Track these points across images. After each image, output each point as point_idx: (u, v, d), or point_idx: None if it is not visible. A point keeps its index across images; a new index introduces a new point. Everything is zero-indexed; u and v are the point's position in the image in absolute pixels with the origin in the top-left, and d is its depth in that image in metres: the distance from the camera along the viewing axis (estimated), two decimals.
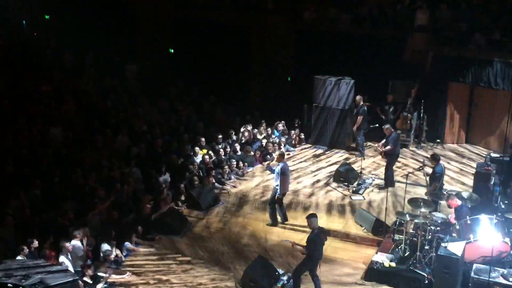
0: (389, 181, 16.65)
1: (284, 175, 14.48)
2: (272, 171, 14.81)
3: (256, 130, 19.95)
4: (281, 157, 14.80)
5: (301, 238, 12.60)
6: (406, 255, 12.74)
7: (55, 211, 13.38)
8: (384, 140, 16.82)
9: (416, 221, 12.73)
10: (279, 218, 14.93)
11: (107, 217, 13.73)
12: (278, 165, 14.58)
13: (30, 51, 22.95)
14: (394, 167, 17.19)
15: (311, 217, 11.71)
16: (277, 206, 14.87)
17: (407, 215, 12.89)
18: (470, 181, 16.76)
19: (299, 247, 11.74)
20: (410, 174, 14.76)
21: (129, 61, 23.27)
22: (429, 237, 12.57)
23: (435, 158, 14.80)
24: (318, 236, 11.51)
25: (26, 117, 17.44)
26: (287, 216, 15.00)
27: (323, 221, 14.69)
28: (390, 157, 16.82)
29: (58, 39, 23.81)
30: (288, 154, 19.25)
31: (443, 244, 11.22)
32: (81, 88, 20.46)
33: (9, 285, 8.98)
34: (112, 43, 23.15)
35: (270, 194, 15.27)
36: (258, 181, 17.54)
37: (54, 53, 23.23)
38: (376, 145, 16.80)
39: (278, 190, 14.53)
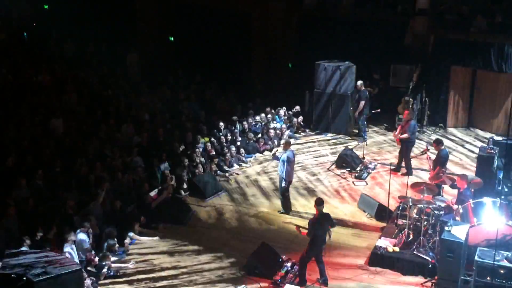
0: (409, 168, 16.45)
1: (289, 163, 14.35)
2: (278, 159, 14.65)
3: (258, 117, 19.90)
4: (287, 145, 14.66)
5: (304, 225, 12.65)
6: (409, 239, 12.74)
7: (58, 201, 13.38)
8: (400, 125, 16.52)
9: (419, 205, 12.72)
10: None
11: (109, 207, 13.72)
12: (284, 153, 14.48)
13: (31, 42, 22.92)
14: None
15: (318, 203, 11.80)
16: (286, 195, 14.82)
17: (410, 200, 12.87)
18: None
19: (303, 230, 11.82)
20: (413, 159, 14.73)
21: (130, 50, 23.19)
22: (433, 221, 12.55)
23: (439, 143, 14.76)
24: (318, 221, 11.54)
25: (28, 108, 17.42)
26: (291, 207, 14.94)
27: (326, 207, 14.69)
28: (407, 144, 16.53)
29: (59, 29, 23.73)
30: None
31: (446, 228, 11.20)
32: (83, 78, 20.40)
33: (12, 275, 8.98)
34: (113, 32, 23.07)
35: (277, 182, 15.25)
36: (260, 168, 17.53)
37: (55, 43, 23.17)
38: (393, 133, 16.53)
39: (284, 179, 14.43)
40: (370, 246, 13.07)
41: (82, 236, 12.32)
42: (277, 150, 14.81)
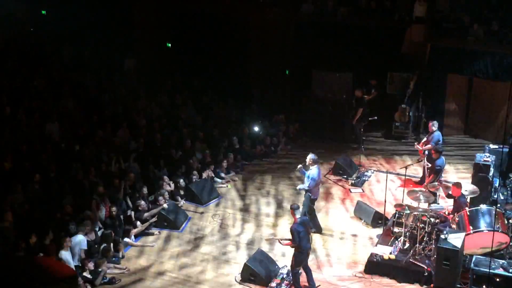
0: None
1: (315, 180, 13.75)
2: (303, 174, 14.01)
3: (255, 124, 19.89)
4: (314, 161, 13.86)
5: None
6: (405, 247, 12.75)
7: (53, 206, 13.35)
8: (426, 137, 16.38)
9: (415, 213, 12.73)
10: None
11: (105, 213, 13.70)
12: (310, 169, 13.85)
13: (28, 46, 22.89)
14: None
15: (294, 208, 11.71)
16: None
17: (406, 207, 12.87)
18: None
19: (285, 241, 11.79)
20: (409, 166, 14.72)
21: (128, 55, 23.20)
22: (429, 229, 12.57)
23: (437, 151, 14.75)
24: (300, 226, 11.46)
25: (24, 112, 17.39)
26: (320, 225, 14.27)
27: (322, 214, 14.73)
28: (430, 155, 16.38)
29: (56, 34, 23.72)
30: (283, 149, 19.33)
31: (442, 236, 11.22)
32: (80, 83, 20.39)
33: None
34: (110, 37, 23.06)
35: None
36: (256, 175, 17.52)
37: (52, 48, 23.16)
38: (415, 143, 16.44)
39: (310, 195, 13.82)
40: (366, 253, 13.06)
41: (82, 238, 12.36)
42: (303, 164, 14.29)
